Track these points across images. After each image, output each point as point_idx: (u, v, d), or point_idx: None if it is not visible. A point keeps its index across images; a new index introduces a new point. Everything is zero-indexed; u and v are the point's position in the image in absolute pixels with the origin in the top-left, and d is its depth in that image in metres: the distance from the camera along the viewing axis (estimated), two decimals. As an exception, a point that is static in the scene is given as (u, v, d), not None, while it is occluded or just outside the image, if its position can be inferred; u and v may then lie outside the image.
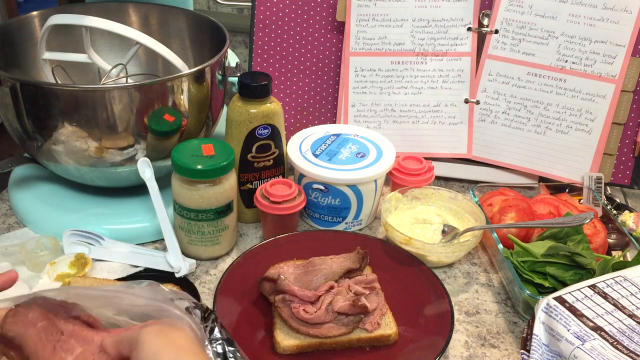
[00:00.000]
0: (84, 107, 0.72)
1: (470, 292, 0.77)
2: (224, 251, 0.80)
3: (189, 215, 0.75)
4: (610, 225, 0.82)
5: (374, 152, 0.86)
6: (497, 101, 0.95)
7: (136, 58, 0.95)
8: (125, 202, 0.84)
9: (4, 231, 0.83)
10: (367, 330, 0.66)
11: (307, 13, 0.96)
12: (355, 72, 0.96)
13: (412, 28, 0.94)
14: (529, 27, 0.91)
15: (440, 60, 0.95)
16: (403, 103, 0.96)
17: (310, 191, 0.84)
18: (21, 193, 0.85)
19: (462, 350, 0.68)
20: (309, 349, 0.65)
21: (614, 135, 0.91)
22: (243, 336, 0.65)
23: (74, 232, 0.77)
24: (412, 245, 0.76)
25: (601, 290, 0.64)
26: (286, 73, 0.98)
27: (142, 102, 0.74)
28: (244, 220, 0.87)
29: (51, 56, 0.86)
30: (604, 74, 0.90)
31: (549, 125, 0.93)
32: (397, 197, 0.84)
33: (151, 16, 0.97)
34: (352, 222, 0.86)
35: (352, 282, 0.69)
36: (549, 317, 0.62)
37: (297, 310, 0.65)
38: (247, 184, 0.84)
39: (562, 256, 0.73)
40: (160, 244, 0.82)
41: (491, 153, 0.96)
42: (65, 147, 0.75)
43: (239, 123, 0.80)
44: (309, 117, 1.00)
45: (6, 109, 0.75)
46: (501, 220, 0.82)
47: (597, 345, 0.58)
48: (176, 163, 0.73)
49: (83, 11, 0.93)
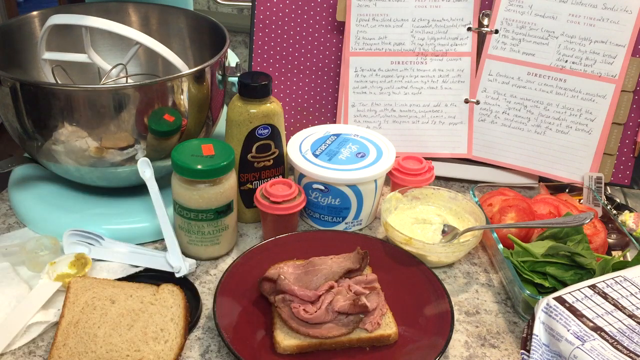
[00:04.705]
0: (84, 107, 0.72)
1: (470, 292, 0.77)
2: (224, 251, 0.80)
3: (189, 215, 0.75)
4: (610, 225, 0.82)
5: (374, 152, 0.86)
6: (497, 101, 0.95)
7: (136, 58, 0.95)
8: (125, 202, 0.84)
9: (4, 231, 0.83)
10: (367, 330, 0.66)
11: (307, 13, 0.96)
12: (355, 72, 0.96)
13: (412, 28, 0.94)
14: (529, 27, 0.91)
15: (440, 60, 0.95)
16: (403, 103, 0.96)
17: (310, 191, 0.84)
18: (21, 193, 0.85)
19: (462, 350, 0.68)
20: (309, 349, 0.65)
21: (614, 135, 0.91)
22: (243, 336, 0.65)
23: (74, 232, 0.77)
24: (412, 245, 0.76)
25: (601, 291, 0.64)
26: (286, 73, 0.98)
27: (142, 102, 0.74)
28: (244, 220, 0.87)
29: (51, 56, 0.86)
30: (604, 74, 0.90)
31: (549, 125, 0.93)
32: (397, 197, 0.84)
33: (151, 16, 0.97)
34: (352, 222, 0.86)
35: (352, 282, 0.69)
36: (549, 317, 0.62)
37: (297, 310, 0.65)
38: (247, 184, 0.84)
39: (562, 256, 0.73)
40: (160, 244, 0.82)
41: (491, 153, 0.96)
42: (65, 147, 0.75)
43: (239, 123, 0.80)
44: (309, 117, 1.00)
45: (6, 109, 0.75)
46: (501, 220, 0.82)
47: (597, 346, 0.58)
48: (176, 163, 0.73)
49: (83, 11, 0.93)
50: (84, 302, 0.67)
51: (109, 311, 0.66)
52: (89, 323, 0.65)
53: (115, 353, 0.62)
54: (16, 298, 0.70)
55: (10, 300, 0.69)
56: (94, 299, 0.68)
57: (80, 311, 0.66)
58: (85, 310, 0.66)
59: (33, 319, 0.67)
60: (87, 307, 0.67)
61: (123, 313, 0.66)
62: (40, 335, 0.67)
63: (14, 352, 0.65)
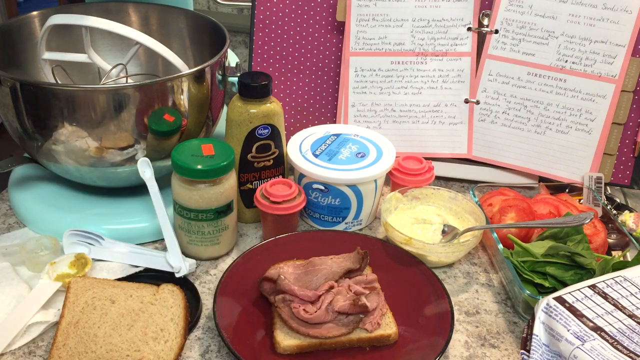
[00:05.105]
0: (84, 107, 0.72)
1: (470, 292, 0.77)
2: (224, 251, 0.80)
3: (189, 215, 0.75)
4: (610, 225, 0.82)
5: (374, 152, 0.86)
6: (497, 101, 0.95)
7: (136, 58, 0.95)
8: (125, 202, 0.84)
9: (4, 231, 0.83)
10: (367, 330, 0.66)
11: (307, 13, 0.96)
12: (355, 72, 0.96)
13: (412, 28, 0.94)
14: (529, 27, 0.91)
15: (440, 60, 0.95)
16: (403, 103, 0.96)
17: (310, 191, 0.84)
18: (21, 193, 0.85)
19: (462, 350, 0.68)
20: (309, 349, 0.65)
21: (614, 135, 0.91)
22: (243, 336, 0.65)
23: (74, 232, 0.77)
24: (412, 245, 0.76)
25: (601, 291, 0.64)
26: (286, 73, 0.98)
27: (142, 102, 0.74)
28: (244, 220, 0.87)
29: (51, 56, 0.86)
30: (604, 74, 0.90)
31: (549, 125, 0.93)
32: (397, 197, 0.84)
33: (151, 16, 0.97)
34: (352, 222, 0.86)
35: (352, 282, 0.69)
36: (549, 317, 0.62)
37: (297, 310, 0.65)
38: (247, 184, 0.84)
39: (562, 256, 0.73)
40: (160, 244, 0.82)
41: (491, 153, 0.96)
42: (65, 147, 0.75)
43: (239, 123, 0.80)
44: (309, 117, 1.00)
45: (6, 109, 0.75)
46: (501, 220, 0.82)
47: (597, 346, 0.58)
48: (176, 163, 0.73)
49: (83, 11, 0.93)
50: (84, 302, 0.67)
51: (109, 311, 0.66)
52: (89, 323, 0.65)
53: (115, 353, 0.62)
54: (16, 298, 0.70)
55: (10, 300, 0.69)
56: (94, 299, 0.68)
57: (80, 311, 0.66)
58: (85, 310, 0.66)
59: (33, 319, 0.67)
60: (87, 307, 0.67)
61: (123, 313, 0.66)
62: (40, 335, 0.67)
63: (14, 352, 0.65)
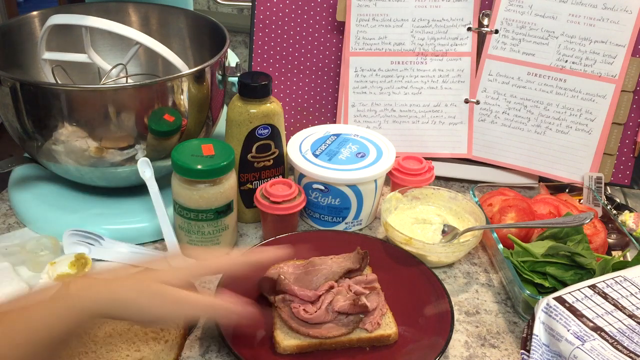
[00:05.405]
0: (84, 107, 0.72)
1: (470, 292, 0.77)
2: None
3: (189, 215, 0.75)
4: (610, 225, 0.82)
5: (374, 152, 0.86)
6: (497, 101, 0.95)
7: (136, 58, 0.95)
8: (125, 202, 0.84)
9: (4, 231, 0.83)
10: (367, 330, 0.66)
11: (307, 13, 0.96)
12: (355, 72, 0.96)
13: (412, 28, 0.94)
14: (529, 27, 0.91)
15: (440, 60, 0.95)
16: (403, 103, 0.96)
17: (310, 191, 0.84)
18: (21, 193, 0.85)
19: (462, 350, 0.68)
20: (309, 349, 0.65)
21: (614, 135, 0.91)
22: (243, 336, 0.65)
23: (74, 232, 0.77)
24: (412, 245, 0.76)
25: (601, 291, 0.64)
26: (286, 73, 0.98)
27: (142, 102, 0.74)
28: (244, 220, 0.87)
29: (51, 56, 0.86)
30: (604, 74, 0.90)
31: (549, 125, 0.93)
32: (397, 197, 0.84)
33: (151, 16, 0.97)
34: (352, 222, 0.86)
35: (352, 282, 0.69)
36: (549, 317, 0.62)
37: (297, 310, 0.65)
38: (247, 184, 0.84)
39: (562, 256, 0.73)
40: (160, 244, 0.82)
41: (491, 153, 0.96)
42: (65, 147, 0.75)
43: (239, 123, 0.80)
44: (309, 117, 1.00)
45: (6, 109, 0.75)
46: (501, 220, 0.82)
47: (597, 346, 0.58)
48: (176, 163, 0.73)
49: (83, 11, 0.93)
50: (84, 302, 0.67)
51: (109, 311, 0.66)
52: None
53: (115, 353, 0.62)
54: (16, 298, 0.70)
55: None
56: (94, 299, 0.67)
57: (80, 311, 0.66)
58: (85, 310, 0.66)
59: (33, 319, 0.67)
60: (87, 307, 0.67)
61: (123, 313, 0.66)
62: (40, 335, 0.67)
63: (14, 352, 0.65)
